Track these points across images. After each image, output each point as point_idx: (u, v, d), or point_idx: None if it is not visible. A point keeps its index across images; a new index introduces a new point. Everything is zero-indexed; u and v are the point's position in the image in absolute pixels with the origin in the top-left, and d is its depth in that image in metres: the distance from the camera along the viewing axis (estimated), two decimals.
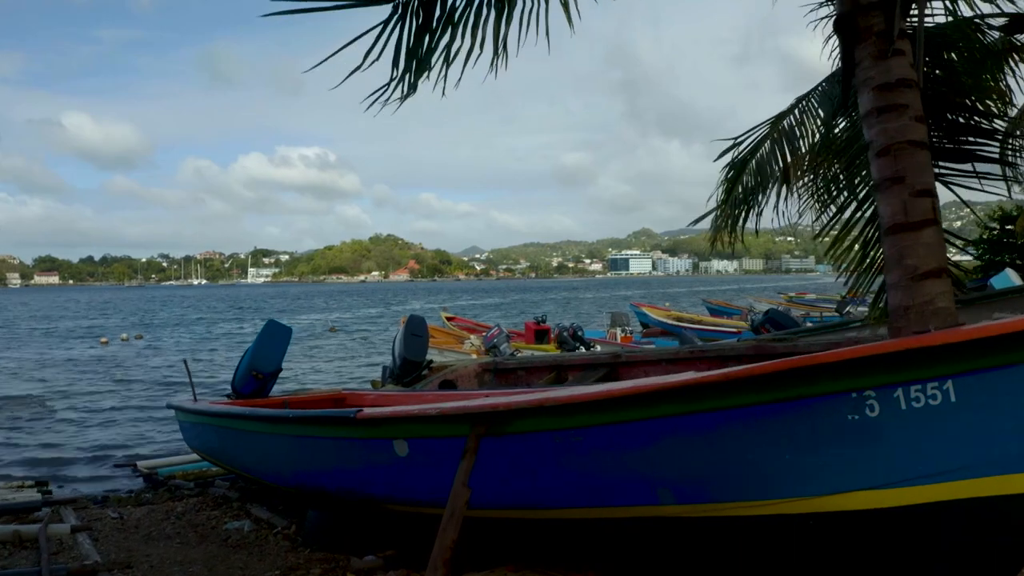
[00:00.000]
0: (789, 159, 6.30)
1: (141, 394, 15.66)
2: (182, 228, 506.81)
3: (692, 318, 25.35)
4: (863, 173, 5.91)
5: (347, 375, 18.37)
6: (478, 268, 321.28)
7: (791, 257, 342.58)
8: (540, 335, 17.99)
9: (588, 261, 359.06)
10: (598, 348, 17.05)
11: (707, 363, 7.32)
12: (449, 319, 23.08)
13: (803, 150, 6.31)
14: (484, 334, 16.65)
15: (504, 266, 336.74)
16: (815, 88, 6.52)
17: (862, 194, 5.99)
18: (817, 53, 6.35)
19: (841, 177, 6.21)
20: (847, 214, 6.15)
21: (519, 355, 16.16)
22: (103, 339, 29.59)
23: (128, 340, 30.16)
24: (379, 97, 4.54)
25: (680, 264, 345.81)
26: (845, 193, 6.18)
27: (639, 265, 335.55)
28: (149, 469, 8.14)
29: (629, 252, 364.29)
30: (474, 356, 15.91)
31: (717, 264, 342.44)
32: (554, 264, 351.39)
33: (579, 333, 17.00)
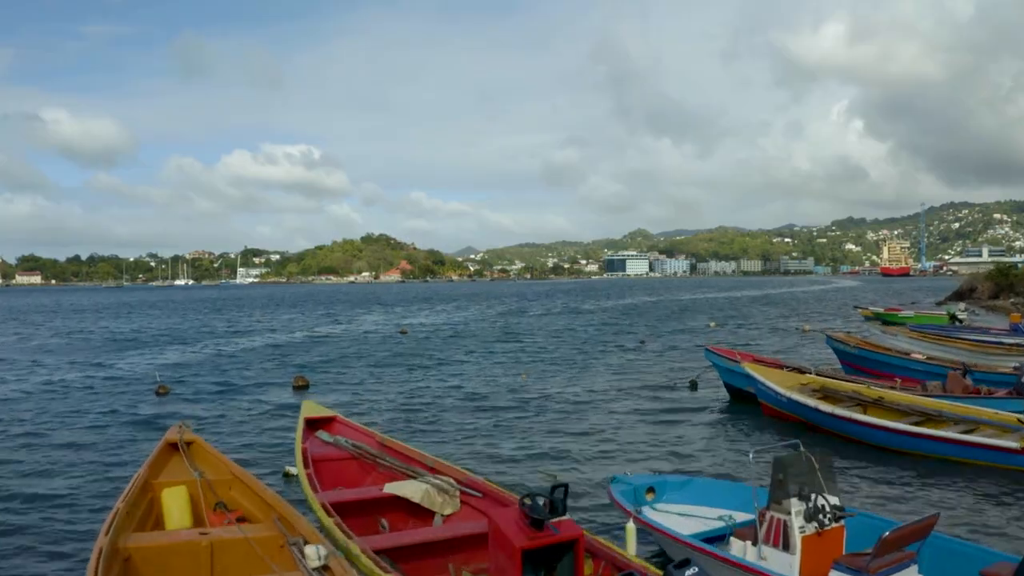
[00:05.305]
0: None
1: None
2: (172, 227, 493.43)
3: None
4: None
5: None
6: (472, 268, 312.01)
7: (789, 259, 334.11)
8: None
9: (584, 262, 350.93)
10: None
11: None
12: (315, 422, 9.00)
13: None
14: None
15: (499, 266, 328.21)
16: None
17: None
18: (809, 47, 0.44)
19: None
20: None
21: None
22: None
23: None
24: None
25: (677, 265, 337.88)
26: None
27: (636, 266, 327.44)
28: None
29: (625, 253, 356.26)
30: None
31: (715, 265, 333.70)
32: (549, 265, 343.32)
33: None
